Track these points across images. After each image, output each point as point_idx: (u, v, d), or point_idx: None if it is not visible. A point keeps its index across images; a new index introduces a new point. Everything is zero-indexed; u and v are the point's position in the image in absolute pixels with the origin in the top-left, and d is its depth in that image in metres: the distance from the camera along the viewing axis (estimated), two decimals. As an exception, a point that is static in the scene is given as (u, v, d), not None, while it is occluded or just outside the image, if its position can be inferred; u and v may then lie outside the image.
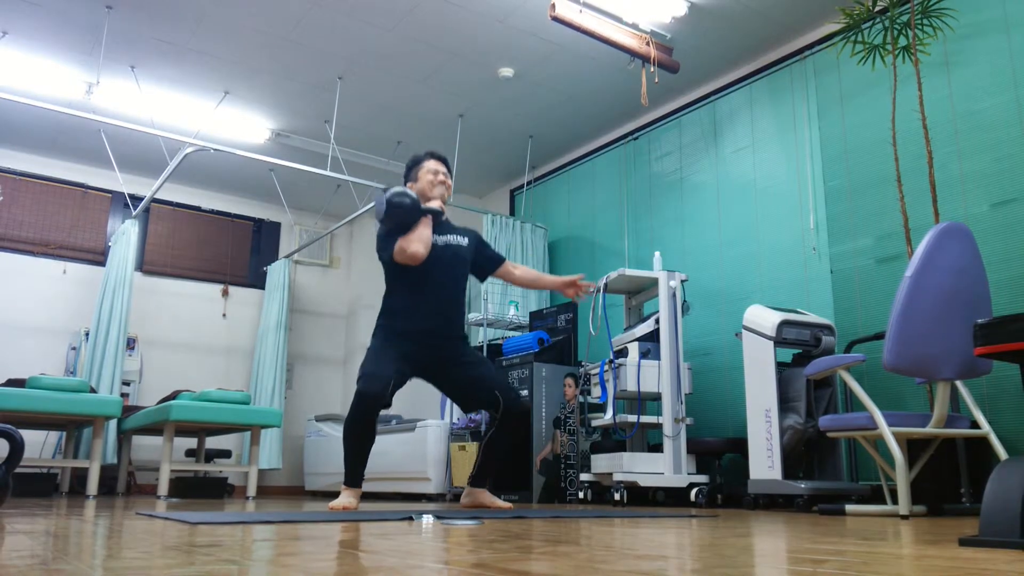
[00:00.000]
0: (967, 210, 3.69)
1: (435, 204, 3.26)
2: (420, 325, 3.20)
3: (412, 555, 1.24)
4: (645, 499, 4.50)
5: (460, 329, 3.34)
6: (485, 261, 3.48)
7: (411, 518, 2.33)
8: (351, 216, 6.47)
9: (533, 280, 3.59)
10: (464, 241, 3.37)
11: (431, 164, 3.36)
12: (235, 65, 5.17)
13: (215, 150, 5.19)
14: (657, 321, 4.24)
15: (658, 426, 4.13)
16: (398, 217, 3.09)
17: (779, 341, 3.60)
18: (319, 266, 7.93)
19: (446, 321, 3.26)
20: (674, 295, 4.25)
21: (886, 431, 2.78)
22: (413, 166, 3.39)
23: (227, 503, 4.45)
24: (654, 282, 4.36)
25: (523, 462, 4.88)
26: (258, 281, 7.47)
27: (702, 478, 4.07)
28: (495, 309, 5.88)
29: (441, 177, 3.34)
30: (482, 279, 3.59)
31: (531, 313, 5.78)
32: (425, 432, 5.52)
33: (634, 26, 4.50)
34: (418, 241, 3.11)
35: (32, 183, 6.63)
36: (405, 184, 3.40)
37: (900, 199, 3.57)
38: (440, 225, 3.30)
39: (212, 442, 6.84)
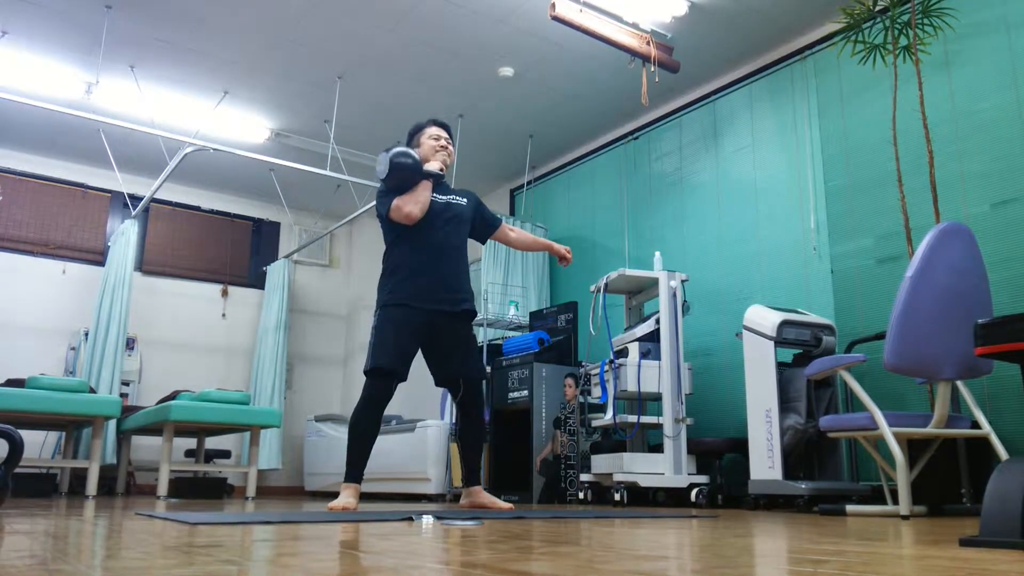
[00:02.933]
0: (968, 210, 3.68)
1: (436, 166, 3.30)
2: (423, 290, 3.19)
3: (412, 556, 1.24)
4: (645, 499, 4.49)
5: (466, 297, 3.31)
6: (484, 223, 3.54)
7: (411, 518, 2.33)
8: (351, 216, 6.47)
9: (529, 243, 3.65)
10: (464, 201, 3.43)
11: (433, 130, 3.41)
12: (235, 65, 5.17)
13: (215, 150, 5.19)
14: (657, 321, 4.24)
15: (658, 426, 4.13)
16: (400, 177, 3.13)
17: (779, 341, 3.60)
18: (319, 266, 7.93)
19: (448, 284, 3.25)
20: (674, 295, 4.25)
21: (887, 431, 2.77)
22: (415, 132, 3.45)
23: (227, 503, 4.45)
24: (654, 282, 4.36)
25: (523, 462, 4.88)
26: (258, 281, 7.47)
27: (702, 478, 4.07)
28: (495, 309, 5.88)
29: (443, 143, 3.39)
30: (482, 241, 3.64)
31: (531, 313, 5.78)
32: (425, 432, 5.52)
33: (634, 25, 4.50)
34: (414, 202, 3.16)
35: (32, 183, 6.62)
36: None
37: (901, 199, 3.57)
38: (441, 186, 3.36)
39: (212, 442, 6.83)
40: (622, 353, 4.28)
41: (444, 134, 3.42)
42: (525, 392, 4.94)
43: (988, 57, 3.71)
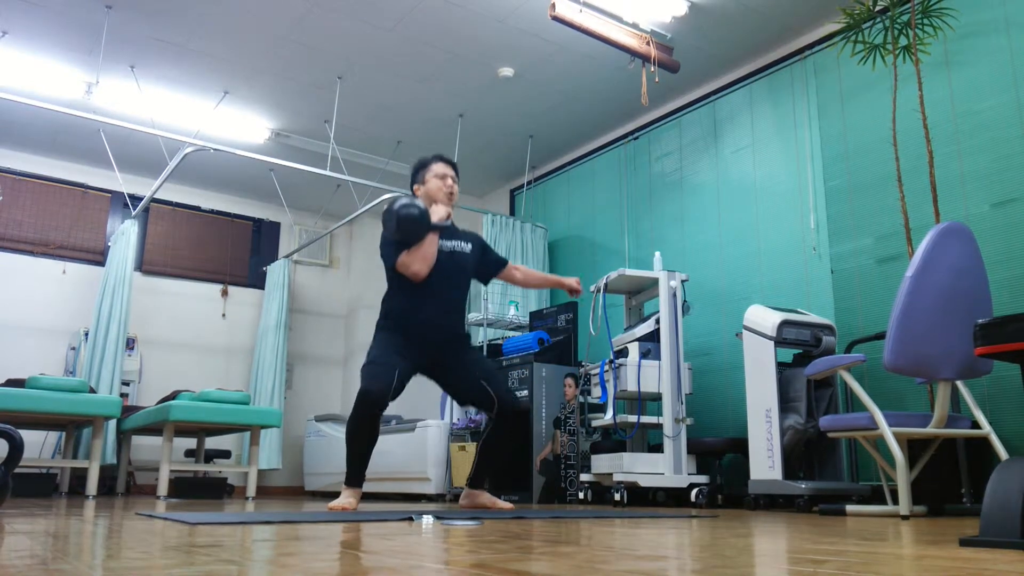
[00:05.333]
0: (967, 210, 3.68)
1: (442, 212, 3.24)
2: (420, 328, 3.21)
3: (412, 555, 1.24)
4: (645, 499, 4.49)
5: (461, 329, 3.35)
6: (488, 265, 3.50)
7: (411, 518, 2.33)
8: (351, 216, 6.47)
9: (536, 281, 3.65)
10: (468, 248, 3.37)
11: (439, 168, 3.35)
12: (235, 65, 5.17)
13: (215, 150, 5.19)
14: (657, 321, 4.24)
15: (658, 426, 4.13)
16: (407, 232, 3.09)
17: (779, 341, 3.60)
18: (319, 266, 7.93)
19: (446, 325, 3.27)
20: (674, 295, 4.25)
21: (887, 431, 2.78)
22: (421, 168, 3.39)
23: (227, 503, 4.45)
24: (654, 282, 4.36)
25: (523, 462, 4.88)
26: (258, 281, 7.47)
27: (702, 478, 4.07)
28: (495, 309, 5.88)
29: (449, 182, 3.33)
30: (485, 282, 3.61)
31: (531, 313, 5.77)
32: (425, 432, 5.52)
33: (634, 26, 4.50)
34: (421, 260, 3.12)
35: (32, 183, 6.62)
36: (412, 186, 3.39)
37: (901, 199, 3.57)
38: (445, 231, 3.29)
39: (212, 442, 6.83)
40: (622, 353, 4.28)
41: (451, 172, 3.35)
42: (525, 392, 4.94)
43: (988, 57, 3.71)
